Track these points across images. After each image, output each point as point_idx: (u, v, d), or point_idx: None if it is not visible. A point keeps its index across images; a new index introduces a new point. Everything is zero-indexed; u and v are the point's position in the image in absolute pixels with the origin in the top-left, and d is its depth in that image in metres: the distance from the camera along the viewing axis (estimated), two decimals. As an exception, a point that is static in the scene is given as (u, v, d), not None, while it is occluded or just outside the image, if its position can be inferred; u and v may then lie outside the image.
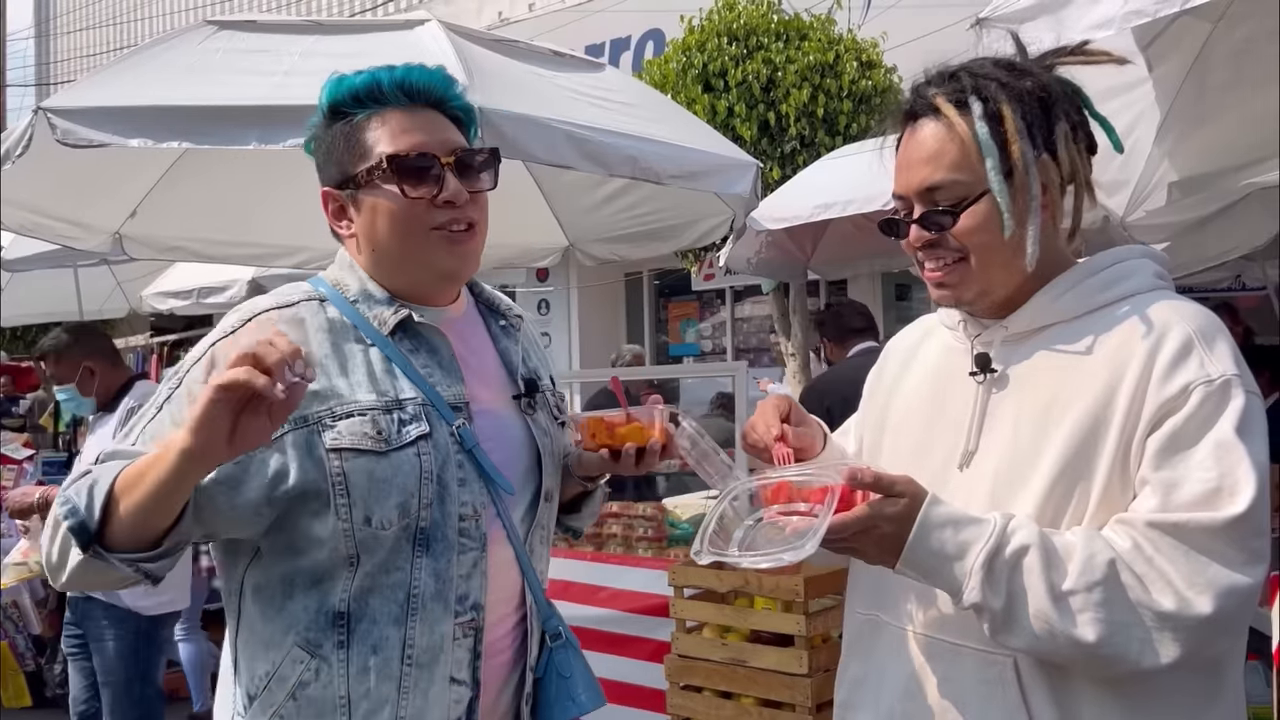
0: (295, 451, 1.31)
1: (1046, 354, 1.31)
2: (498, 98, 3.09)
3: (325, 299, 1.42)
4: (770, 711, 2.83)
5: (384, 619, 1.34)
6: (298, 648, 1.35)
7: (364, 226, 1.41)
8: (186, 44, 3.23)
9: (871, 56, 7.80)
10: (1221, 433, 1.18)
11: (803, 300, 7.69)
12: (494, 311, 1.60)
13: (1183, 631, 1.15)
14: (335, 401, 1.33)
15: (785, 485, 1.27)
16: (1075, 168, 1.32)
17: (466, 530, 1.39)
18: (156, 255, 4.70)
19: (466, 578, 1.39)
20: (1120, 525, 1.20)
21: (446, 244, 1.40)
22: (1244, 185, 3.58)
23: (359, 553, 1.33)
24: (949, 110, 1.30)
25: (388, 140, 1.38)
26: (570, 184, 4.43)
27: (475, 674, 1.40)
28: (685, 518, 4.08)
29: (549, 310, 11.81)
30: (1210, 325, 1.26)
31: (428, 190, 1.37)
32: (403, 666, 1.35)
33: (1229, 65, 2.95)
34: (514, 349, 1.57)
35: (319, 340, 1.37)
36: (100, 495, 1.20)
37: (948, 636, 1.31)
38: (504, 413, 1.51)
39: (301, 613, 1.35)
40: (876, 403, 1.53)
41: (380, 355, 1.39)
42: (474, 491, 1.40)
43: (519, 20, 11.43)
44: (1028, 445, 1.28)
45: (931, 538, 1.19)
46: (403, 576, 1.35)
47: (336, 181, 1.42)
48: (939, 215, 1.32)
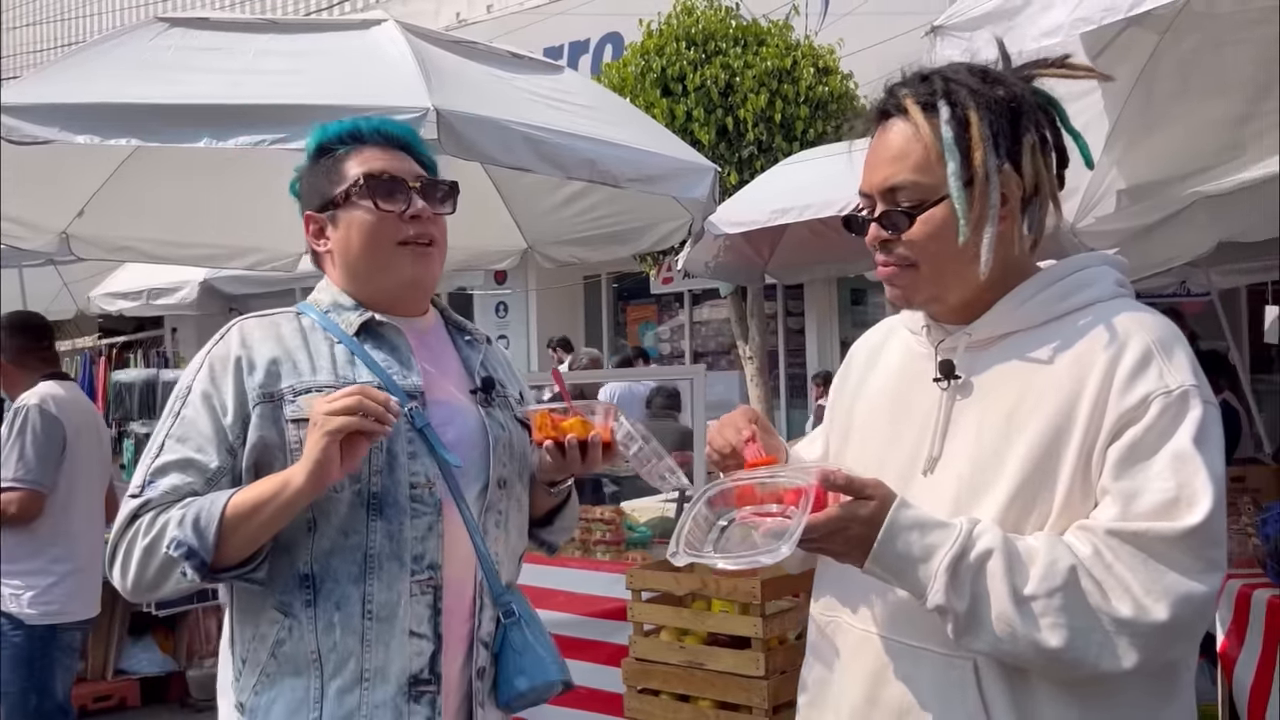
0: (261, 422, 1.50)
1: (1009, 361, 1.32)
2: (455, 99, 3.07)
3: (301, 313, 1.62)
4: (727, 714, 2.84)
5: (345, 578, 1.49)
6: (273, 609, 1.50)
7: (340, 241, 1.61)
8: (137, 41, 3.17)
9: (828, 63, 7.88)
10: (1179, 443, 1.20)
11: (760, 304, 7.74)
12: (461, 330, 1.76)
13: (1140, 637, 1.17)
14: (297, 380, 1.52)
15: (755, 487, 1.28)
16: (1040, 180, 1.33)
17: (419, 496, 1.53)
18: (105, 256, 4.61)
19: (422, 539, 1.52)
20: (1082, 531, 1.22)
21: (411, 256, 1.60)
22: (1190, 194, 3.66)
23: (315, 516, 1.48)
24: (915, 112, 1.31)
25: (365, 165, 1.60)
26: (529, 186, 4.42)
27: (437, 629, 1.52)
28: (643, 521, 4.08)
29: (507, 312, 11.76)
30: (1169, 335, 1.28)
31: (397, 206, 1.58)
32: (364, 621, 1.48)
33: (1175, 76, 3.01)
34: (475, 356, 1.71)
35: (291, 337, 1.57)
36: (213, 532, 1.41)
37: (910, 639, 1.31)
38: (460, 403, 1.64)
39: (275, 577, 1.49)
40: (842, 406, 1.54)
41: (344, 349, 1.57)
42: (425, 464, 1.54)
43: (477, 21, 11.39)
44: (991, 453, 1.29)
45: (899, 540, 1.21)
46: (359, 539, 1.49)
47: (317, 206, 1.63)
48: (897, 215, 1.32)
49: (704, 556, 1.24)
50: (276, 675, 1.49)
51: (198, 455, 1.48)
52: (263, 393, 1.50)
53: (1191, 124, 3.26)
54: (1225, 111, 3.21)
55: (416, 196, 1.59)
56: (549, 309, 11.69)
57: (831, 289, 10.17)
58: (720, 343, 10.89)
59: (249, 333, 1.57)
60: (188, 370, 1.57)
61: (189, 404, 1.52)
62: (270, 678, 1.50)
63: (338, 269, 1.63)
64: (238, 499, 1.43)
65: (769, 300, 8.76)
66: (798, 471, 1.26)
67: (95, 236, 4.25)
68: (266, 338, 1.56)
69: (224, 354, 1.54)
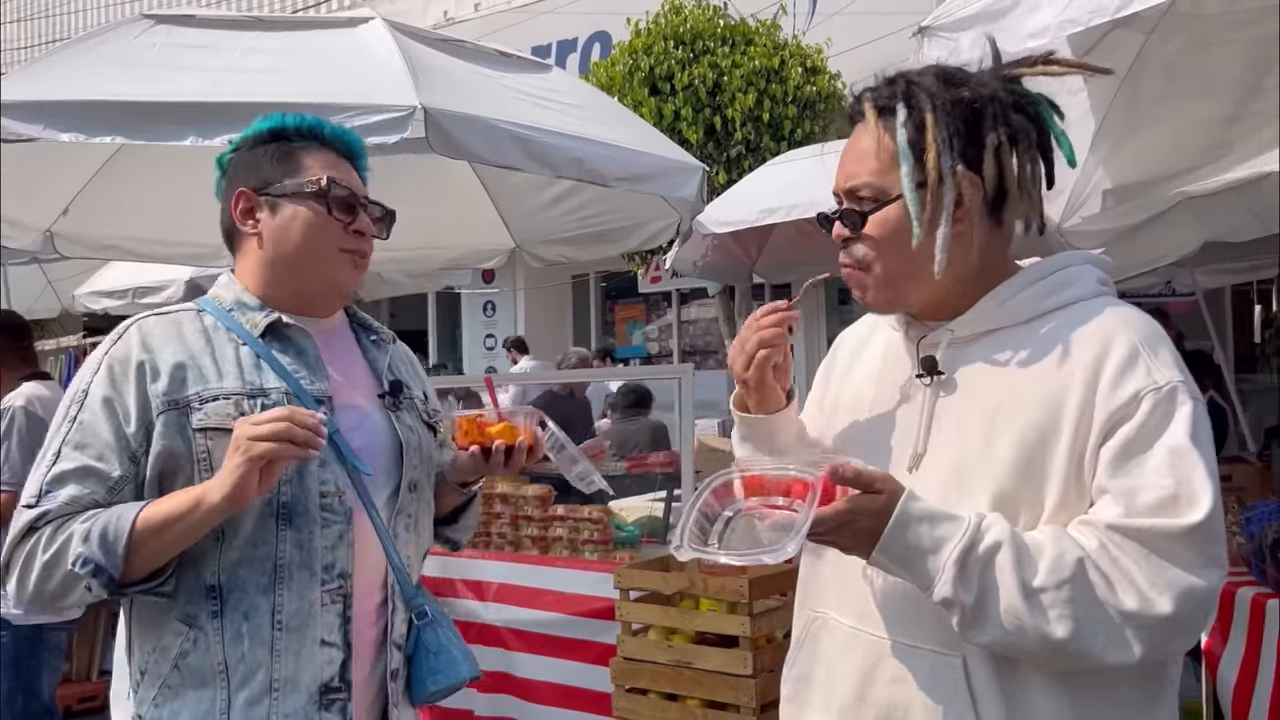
0: (166, 430, 1.46)
1: (992, 359, 1.33)
2: (443, 98, 3.06)
3: (203, 310, 1.58)
4: (715, 713, 2.84)
5: (253, 589, 1.47)
6: (178, 621, 1.47)
7: (275, 229, 1.57)
8: (122, 38, 3.15)
9: (816, 62, 7.89)
10: (1175, 439, 1.21)
11: (748, 303, 7.75)
12: (366, 329, 1.74)
13: (1144, 630, 1.19)
14: (203, 387, 1.48)
15: (763, 478, 1.27)
16: (1007, 181, 1.33)
17: (330, 505, 1.51)
18: (90, 254, 4.59)
19: (332, 548, 1.51)
20: (1085, 526, 1.23)
21: (348, 264, 1.60)
22: (1175, 194, 3.68)
23: (223, 526, 1.45)
24: (870, 115, 1.34)
25: (326, 168, 1.59)
26: (517, 185, 4.42)
27: (346, 637, 1.52)
28: (631, 520, 4.08)
29: (495, 312, 11.75)
30: (1153, 333, 1.29)
31: (348, 218, 1.59)
32: (274, 631, 1.47)
33: (1161, 76, 3.03)
34: (382, 359, 1.71)
35: (194, 338, 1.53)
36: (121, 549, 1.38)
37: (899, 637, 1.32)
38: (368, 408, 1.63)
39: (180, 589, 1.47)
40: (827, 399, 1.54)
41: (250, 352, 1.54)
42: (334, 472, 1.52)
43: (465, 20, 11.36)
44: (976, 451, 1.29)
45: (908, 532, 1.21)
46: (269, 549, 1.47)
47: (255, 185, 1.59)
48: (854, 215, 1.35)
49: (707, 552, 1.24)
50: (180, 687, 1.46)
51: (98, 464, 1.43)
52: (167, 400, 1.46)
53: (1177, 124, 3.27)
54: (1211, 112, 3.23)
55: (364, 214, 1.61)
56: (537, 308, 11.67)
57: (819, 288, 10.17)
58: (708, 342, 10.89)
59: (149, 333, 1.51)
60: (83, 372, 1.51)
61: (86, 409, 1.46)
62: (172, 690, 1.47)
63: (258, 254, 1.59)
64: (147, 514, 1.39)
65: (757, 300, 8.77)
66: (806, 464, 1.25)
67: (80, 235, 4.23)
68: (169, 339, 1.51)
69: (124, 356, 1.49)
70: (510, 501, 3.85)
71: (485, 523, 3.91)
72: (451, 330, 12.60)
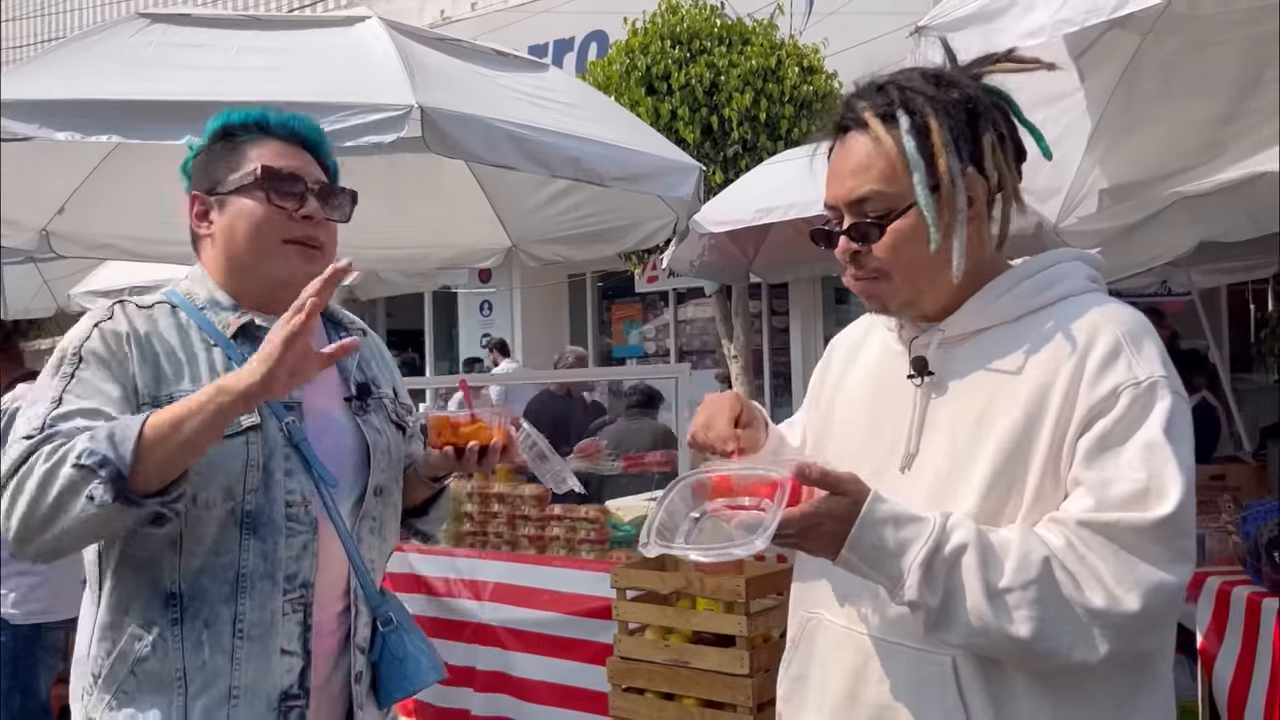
0: None
1: (983, 358, 1.33)
2: (440, 97, 3.06)
3: (176, 305, 1.55)
4: (712, 712, 2.85)
5: (215, 597, 1.45)
6: (136, 626, 1.45)
7: (224, 228, 1.55)
8: (118, 37, 3.15)
9: (813, 62, 7.89)
10: (1149, 434, 1.21)
11: (745, 303, 7.75)
12: (337, 325, 1.71)
13: (1111, 628, 1.19)
14: (174, 389, 1.45)
15: (731, 479, 1.27)
16: (1003, 178, 1.34)
17: (295, 515, 1.50)
18: (86, 253, 4.58)
19: (296, 558, 1.50)
20: (1053, 524, 1.23)
21: (296, 255, 1.54)
22: (1170, 194, 3.69)
23: (183, 533, 1.43)
24: (876, 125, 1.32)
25: (266, 157, 1.55)
26: (513, 184, 4.41)
27: (306, 645, 1.51)
28: (628, 520, 4.08)
29: (492, 311, 11.74)
30: (1138, 327, 1.29)
31: (291, 204, 1.54)
32: (234, 640, 1.45)
33: (1157, 77, 3.03)
34: (350, 358, 1.66)
35: (169, 335, 1.50)
36: (130, 443, 1.28)
37: (888, 636, 1.32)
38: (335, 413, 1.61)
39: (135, 593, 1.46)
40: (822, 399, 1.55)
41: (222, 354, 1.51)
42: (300, 481, 1.51)
43: (462, 19, 11.36)
44: (965, 449, 1.30)
45: (873, 534, 1.21)
46: (231, 558, 1.46)
47: (206, 187, 1.56)
48: (866, 226, 1.33)
49: (674, 548, 1.25)
50: (135, 693, 1.45)
51: (106, 408, 1.38)
52: (149, 394, 1.44)
53: (1173, 124, 3.28)
54: (1207, 112, 3.24)
55: (312, 198, 1.55)
56: (533, 308, 11.67)
57: (816, 288, 10.19)
58: (705, 341, 10.89)
59: (135, 320, 1.49)
60: (70, 337, 1.47)
61: (85, 367, 1.42)
62: (128, 695, 1.45)
63: (216, 257, 1.56)
64: (157, 416, 1.32)
65: (753, 299, 8.77)
66: (773, 464, 1.25)
67: (76, 234, 4.22)
68: (151, 333, 1.49)
69: (117, 330, 1.46)
70: (507, 501, 3.85)
71: (482, 522, 3.92)
72: (448, 330, 12.60)
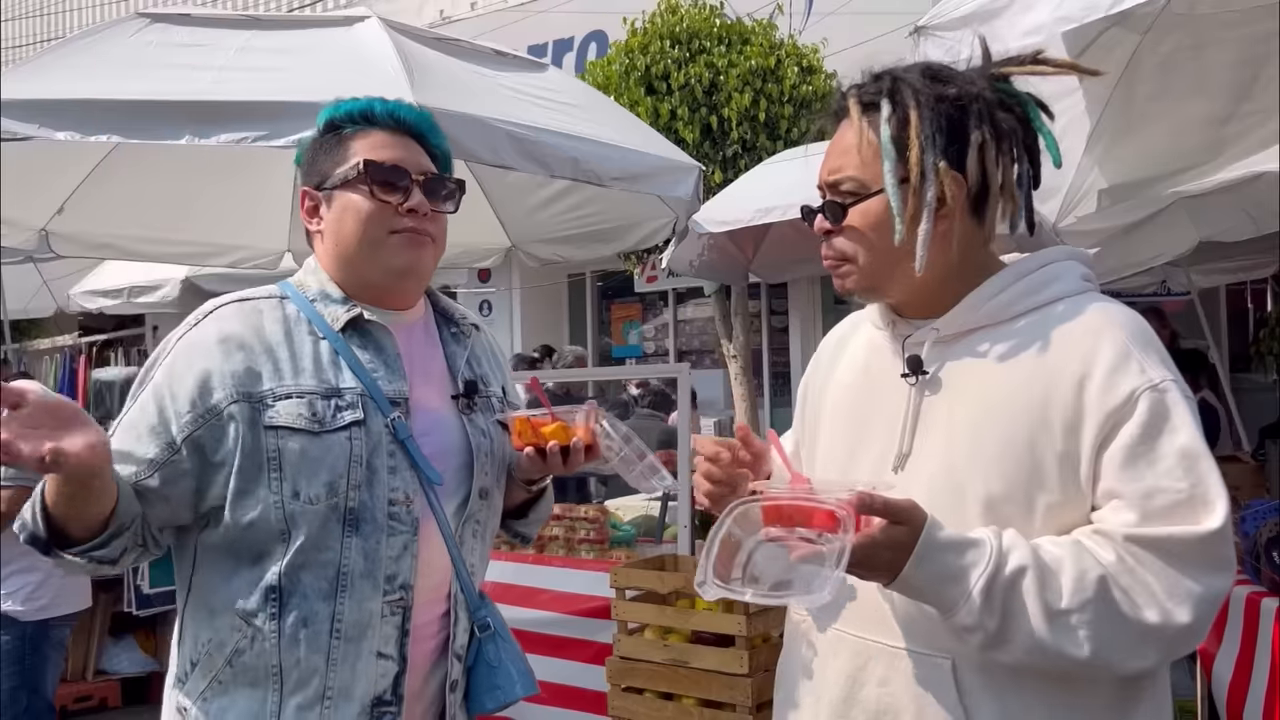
0: (242, 426, 1.42)
1: (978, 357, 1.32)
2: (439, 96, 3.06)
3: (286, 297, 1.54)
4: (711, 712, 2.85)
5: (314, 594, 1.43)
6: (237, 617, 1.43)
7: (332, 222, 1.53)
8: (117, 37, 3.15)
9: (812, 62, 7.88)
10: (1184, 440, 1.21)
11: (744, 303, 7.74)
12: (448, 320, 1.69)
13: (1164, 641, 1.19)
14: (278, 384, 1.44)
15: (782, 507, 1.22)
16: (990, 179, 1.33)
17: (397, 514, 1.47)
18: (85, 253, 4.59)
19: (396, 559, 1.47)
20: (1100, 537, 1.22)
21: (403, 244, 1.52)
22: (1170, 194, 3.69)
23: (289, 527, 1.42)
24: (855, 111, 1.34)
25: (369, 150, 1.52)
26: (513, 184, 4.41)
27: (403, 650, 1.48)
28: (627, 519, 4.08)
29: (491, 311, 11.73)
30: (1141, 329, 1.29)
31: (396, 198, 1.51)
32: (331, 640, 1.43)
33: (1156, 76, 3.03)
34: (460, 353, 1.65)
35: (273, 329, 1.49)
36: (38, 507, 1.35)
37: (885, 639, 1.32)
38: (442, 411, 1.58)
39: (242, 585, 1.43)
40: (812, 401, 1.54)
41: (329, 347, 1.49)
42: (405, 479, 1.48)
43: (461, 19, 11.35)
44: (962, 452, 1.29)
45: (933, 561, 1.19)
46: (333, 555, 1.43)
47: (315, 182, 1.56)
48: (835, 207, 1.36)
49: (734, 591, 1.20)
50: (230, 684, 1.44)
51: (135, 446, 1.42)
52: (241, 392, 1.42)
53: (1172, 124, 3.28)
54: (1206, 112, 3.24)
55: (417, 190, 1.52)
56: (533, 308, 11.66)
57: (815, 288, 10.18)
58: (704, 341, 10.89)
59: (227, 322, 1.48)
60: (158, 353, 1.50)
61: (146, 386, 1.46)
62: (223, 685, 1.44)
63: (327, 251, 1.56)
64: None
65: (753, 299, 8.77)
66: (829, 493, 1.21)
67: (75, 233, 4.22)
68: (247, 330, 1.47)
69: (198, 341, 1.46)
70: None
71: (481, 522, 3.91)
72: (447, 329, 12.58)
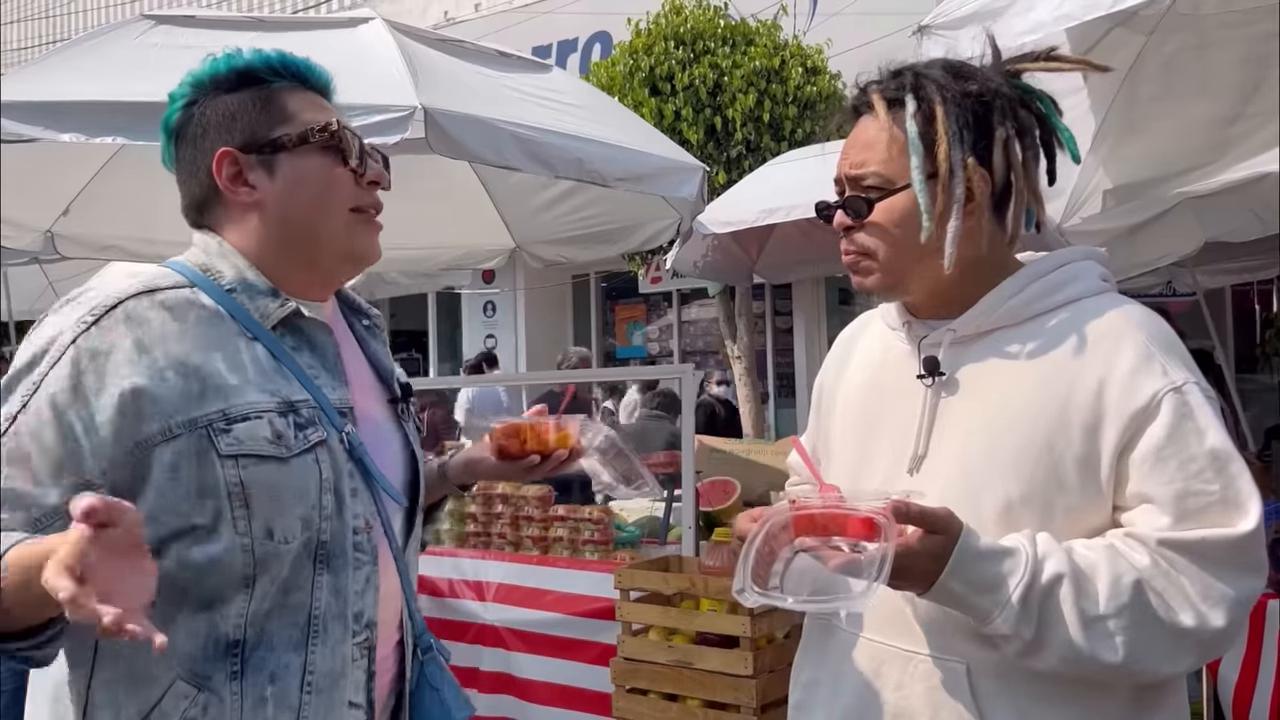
0: (185, 462, 1.16)
1: (995, 358, 1.31)
2: (443, 97, 3.06)
3: (194, 286, 1.25)
4: (715, 713, 2.84)
5: (282, 644, 1.21)
6: (182, 681, 1.17)
7: (278, 193, 1.28)
8: (122, 38, 3.16)
9: (816, 63, 7.89)
10: (1213, 442, 1.20)
11: (748, 304, 7.75)
12: (356, 311, 1.47)
13: (1199, 645, 1.19)
14: (226, 403, 1.19)
15: (815, 516, 1.21)
16: (1014, 176, 1.32)
17: (360, 544, 1.27)
18: (90, 254, 4.59)
19: (361, 594, 1.27)
20: (1133, 540, 1.21)
21: (364, 226, 1.33)
22: (1175, 194, 3.68)
23: (256, 573, 1.19)
24: (880, 106, 1.32)
25: (317, 112, 1.32)
26: (517, 185, 4.42)
27: (370, 695, 1.29)
28: (631, 521, 4.08)
29: (495, 312, 11.75)
30: (1161, 331, 1.28)
31: (359, 165, 1.32)
32: (302, 695, 1.22)
33: (1161, 76, 3.03)
34: (382, 351, 1.47)
35: (198, 330, 1.21)
36: None
37: (899, 643, 1.31)
38: (382, 420, 1.40)
39: (185, 641, 1.18)
40: (824, 404, 1.53)
41: (265, 352, 1.25)
42: (364, 502, 1.29)
43: (465, 20, 11.37)
44: (979, 454, 1.28)
45: (968, 571, 1.18)
46: (303, 597, 1.22)
47: (243, 144, 1.28)
48: (859, 201, 1.33)
49: (772, 597, 1.19)
50: None
51: (29, 488, 1.12)
52: (183, 420, 1.15)
53: (1177, 124, 3.27)
54: (1211, 112, 3.23)
55: (372, 160, 1.33)
56: (537, 309, 11.67)
57: (819, 289, 10.19)
58: (708, 342, 10.89)
59: (143, 321, 1.18)
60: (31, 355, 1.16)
61: (31, 411, 1.13)
62: None
63: (257, 228, 1.28)
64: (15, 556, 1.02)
65: (757, 300, 8.77)
66: (863, 501, 1.19)
67: (80, 235, 4.23)
68: (168, 332, 1.19)
69: (103, 348, 1.15)
70: (511, 502, 3.85)
71: (485, 523, 3.92)
72: (451, 331, 12.61)
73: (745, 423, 7.98)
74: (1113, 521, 1.25)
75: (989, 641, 1.22)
